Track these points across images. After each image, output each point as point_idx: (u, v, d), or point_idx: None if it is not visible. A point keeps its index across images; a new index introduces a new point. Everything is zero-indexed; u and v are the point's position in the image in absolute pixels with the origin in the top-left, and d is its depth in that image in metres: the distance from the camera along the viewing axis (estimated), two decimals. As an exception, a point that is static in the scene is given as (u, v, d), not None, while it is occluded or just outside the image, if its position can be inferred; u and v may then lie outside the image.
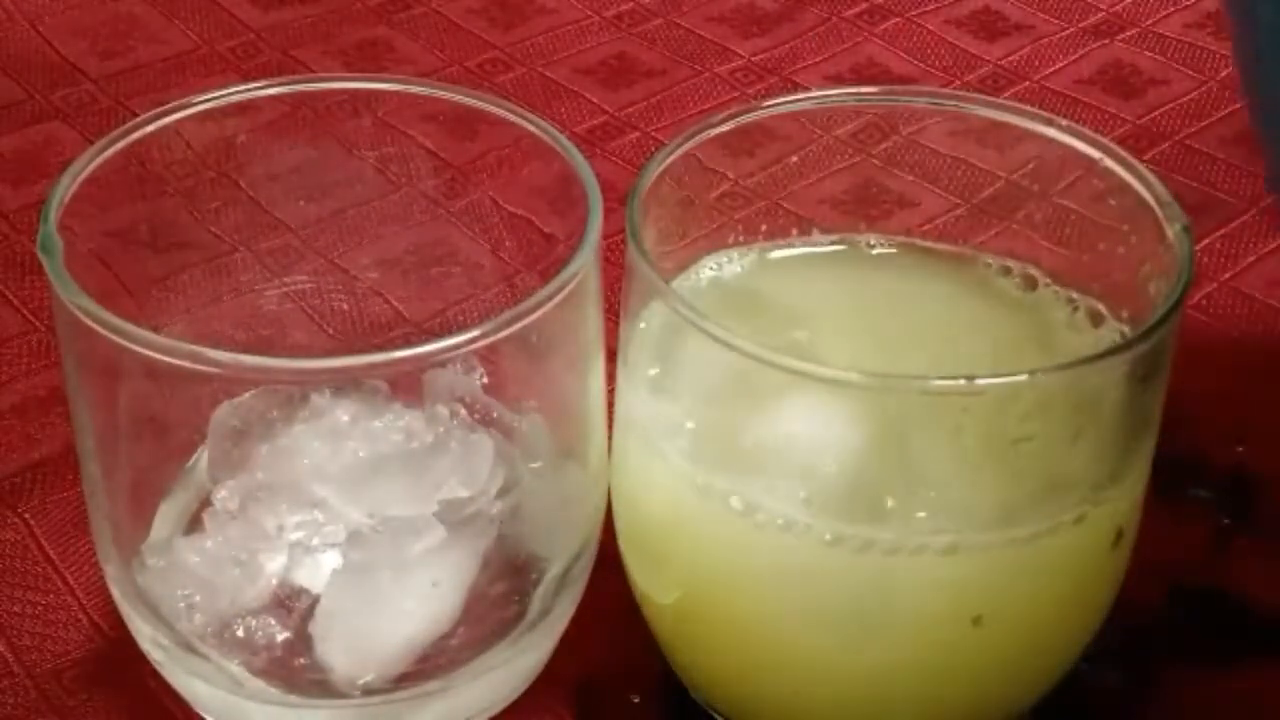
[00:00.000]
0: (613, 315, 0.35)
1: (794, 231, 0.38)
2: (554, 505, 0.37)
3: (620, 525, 0.37)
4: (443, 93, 0.39)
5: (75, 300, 0.31)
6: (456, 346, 0.31)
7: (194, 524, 0.37)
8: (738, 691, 0.37)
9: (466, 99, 0.38)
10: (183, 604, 0.35)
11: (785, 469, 0.31)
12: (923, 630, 0.32)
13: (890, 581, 0.31)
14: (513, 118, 0.37)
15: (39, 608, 0.41)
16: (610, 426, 0.36)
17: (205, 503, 0.36)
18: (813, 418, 0.31)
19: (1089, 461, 0.32)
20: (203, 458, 0.37)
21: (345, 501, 0.35)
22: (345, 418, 0.36)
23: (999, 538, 0.31)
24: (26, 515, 0.44)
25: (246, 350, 0.38)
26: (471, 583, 0.35)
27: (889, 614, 0.32)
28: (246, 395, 0.37)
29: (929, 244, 0.38)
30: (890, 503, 0.31)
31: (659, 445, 0.34)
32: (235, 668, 0.34)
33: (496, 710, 0.38)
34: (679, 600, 0.36)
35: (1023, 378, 0.30)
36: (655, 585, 0.37)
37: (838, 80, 0.66)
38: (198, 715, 0.38)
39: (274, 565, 0.35)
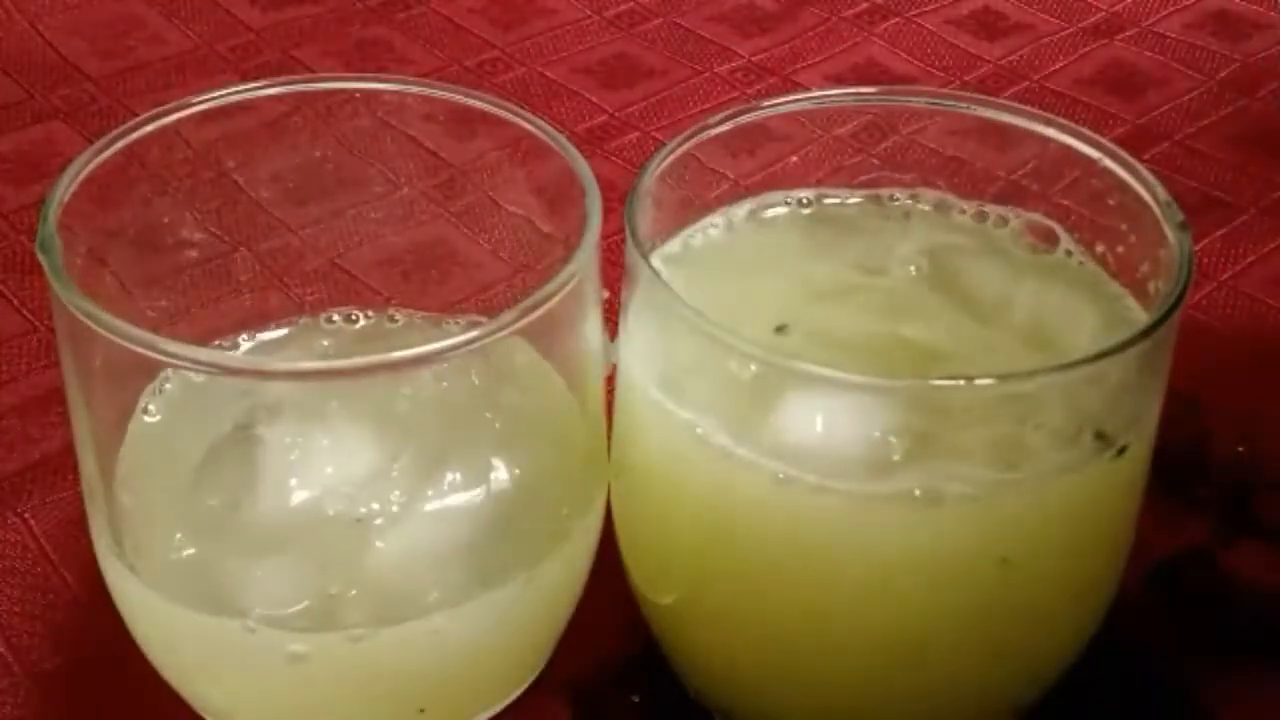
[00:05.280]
0: (612, 315, 0.35)
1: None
2: (552, 505, 0.37)
3: (620, 525, 0.37)
4: (443, 93, 0.39)
5: (75, 300, 0.31)
6: (456, 346, 0.31)
7: (193, 524, 0.37)
8: (738, 691, 0.37)
9: (466, 99, 0.38)
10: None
11: (794, 448, 0.31)
12: (939, 587, 0.32)
13: (908, 538, 0.31)
14: (513, 118, 0.37)
15: (39, 608, 0.41)
16: (610, 426, 0.36)
17: (205, 504, 0.36)
18: (826, 400, 0.31)
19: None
20: (202, 457, 0.37)
21: (346, 495, 0.35)
22: (345, 417, 0.36)
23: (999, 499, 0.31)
24: (26, 515, 0.44)
25: (246, 350, 0.38)
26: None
27: (906, 568, 0.32)
28: (247, 395, 0.37)
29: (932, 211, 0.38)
30: (903, 458, 0.31)
31: (660, 444, 0.34)
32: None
33: (496, 710, 0.38)
34: (679, 600, 0.36)
35: (1022, 378, 0.30)
36: (655, 585, 0.37)
37: (838, 80, 0.66)
38: (198, 715, 0.38)
39: (273, 564, 0.35)
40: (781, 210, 0.38)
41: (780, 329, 0.35)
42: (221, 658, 0.35)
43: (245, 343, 0.41)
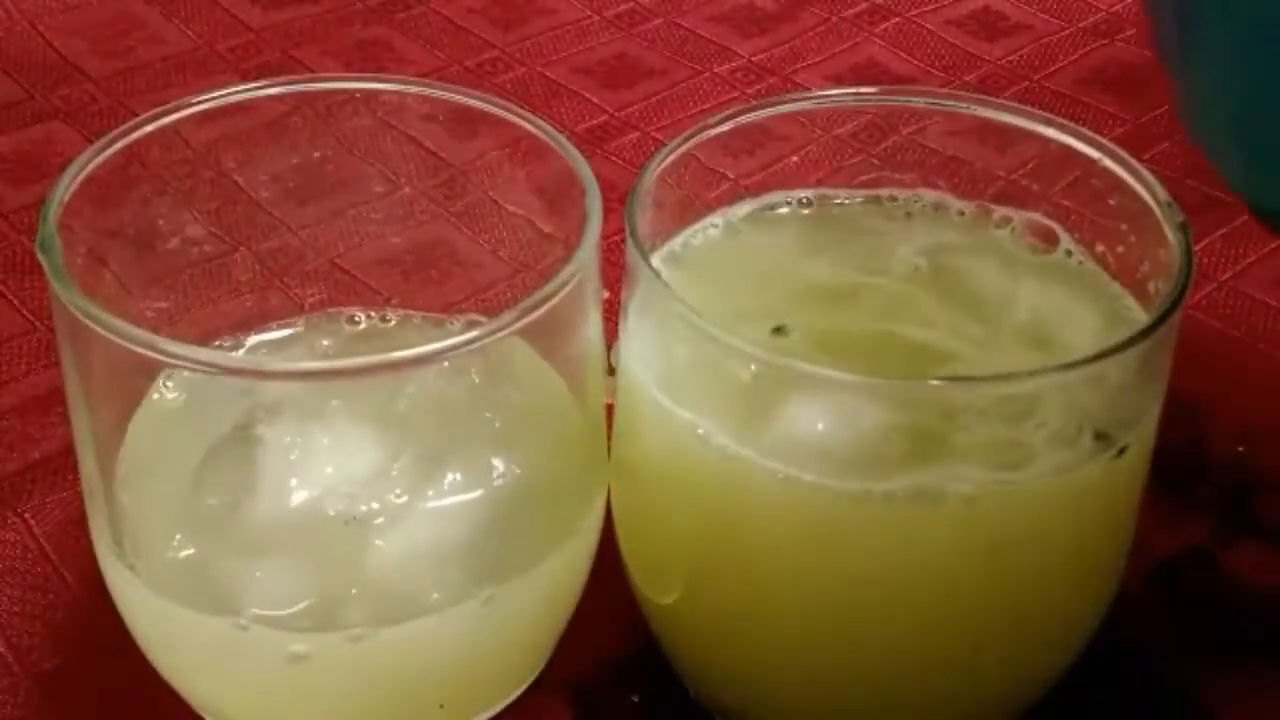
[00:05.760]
0: (612, 315, 0.35)
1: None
2: (552, 505, 0.37)
3: (620, 525, 0.37)
4: (443, 93, 0.39)
5: (75, 300, 0.31)
6: (456, 346, 0.31)
7: (192, 524, 0.37)
8: (737, 691, 0.37)
9: (466, 99, 0.38)
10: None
11: (794, 448, 0.31)
12: (939, 587, 0.32)
13: (908, 537, 0.31)
14: (513, 118, 0.37)
15: (39, 608, 0.41)
16: (610, 426, 0.36)
17: (205, 503, 0.36)
18: (824, 400, 0.31)
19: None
20: (203, 457, 0.37)
21: (346, 495, 0.35)
22: (345, 417, 0.36)
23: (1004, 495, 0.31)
24: (26, 515, 0.44)
25: (246, 350, 0.38)
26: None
27: (906, 568, 0.32)
28: (247, 395, 0.37)
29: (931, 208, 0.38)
30: (903, 459, 0.31)
31: (660, 444, 0.34)
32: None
33: (496, 710, 0.38)
34: (679, 599, 0.36)
35: (1022, 378, 0.30)
36: (655, 585, 0.37)
37: (838, 80, 0.66)
38: (198, 715, 0.38)
39: (273, 564, 0.35)
40: (782, 210, 0.38)
41: (780, 329, 0.35)
42: (222, 658, 0.35)
43: (245, 343, 0.41)
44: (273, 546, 0.35)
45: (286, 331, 0.41)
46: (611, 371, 0.36)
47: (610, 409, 0.36)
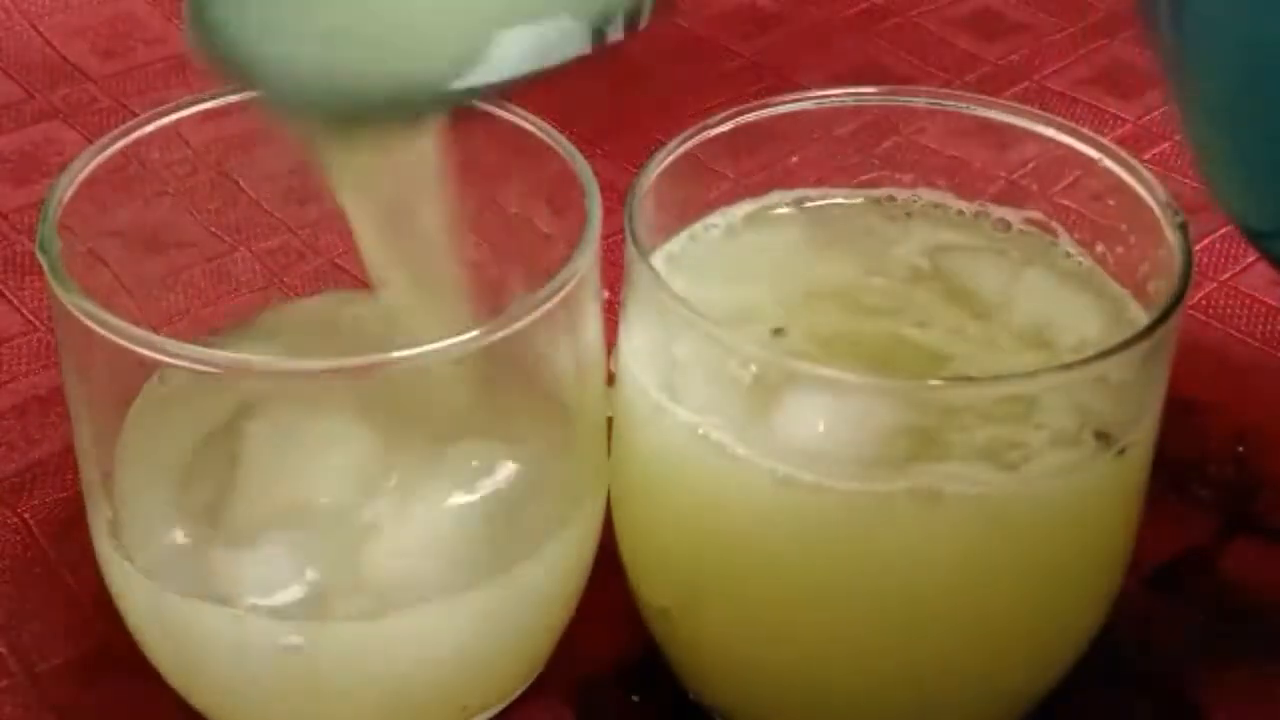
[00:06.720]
0: (612, 315, 0.35)
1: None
2: (551, 505, 0.37)
3: (620, 525, 0.37)
4: (443, 93, 0.39)
5: (75, 300, 0.31)
6: (456, 346, 0.31)
7: (190, 514, 0.37)
8: (738, 691, 0.37)
9: (466, 99, 0.38)
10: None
11: (794, 448, 0.31)
12: (939, 587, 0.32)
13: (908, 538, 0.31)
14: (513, 118, 0.37)
15: (39, 607, 0.41)
16: (610, 426, 0.36)
17: (203, 493, 0.36)
18: (825, 400, 0.31)
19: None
20: (202, 450, 0.37)
21: (346, 494, 0.35)
22: (346, 415, 0.36)
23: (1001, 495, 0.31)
24: (26, 515, 0.44)
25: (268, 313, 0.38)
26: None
27: (906, 568, 0.32)
28: (246, 394, 0.37)
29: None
30: (903, 458, 0.31)
31: (660, 444, 0.34)
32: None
33: (496, 710, 0.38)
34: (679, 600, 0.36)
35: (1023, 378, 0.30)
36: (655, 585, 0.37)
37: (838, 80, 0.66)
38: (198, 715, 0.38)
39: (272, 556, 0.35)
40: (782, 210, 0.38)
41: (780, 329, 0.35)
42: (219, 650, 0.35)
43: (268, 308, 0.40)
44: (269, 537, 0.35)
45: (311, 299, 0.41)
46: (611, 381, 0.36)
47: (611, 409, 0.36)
